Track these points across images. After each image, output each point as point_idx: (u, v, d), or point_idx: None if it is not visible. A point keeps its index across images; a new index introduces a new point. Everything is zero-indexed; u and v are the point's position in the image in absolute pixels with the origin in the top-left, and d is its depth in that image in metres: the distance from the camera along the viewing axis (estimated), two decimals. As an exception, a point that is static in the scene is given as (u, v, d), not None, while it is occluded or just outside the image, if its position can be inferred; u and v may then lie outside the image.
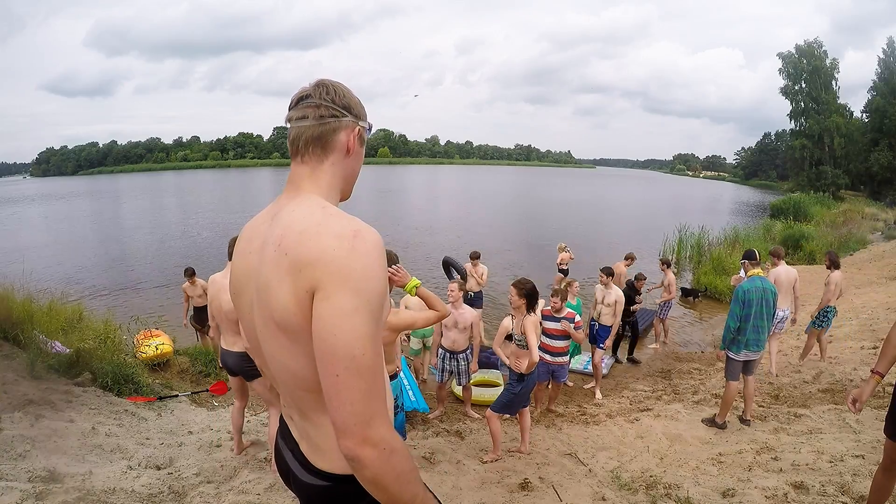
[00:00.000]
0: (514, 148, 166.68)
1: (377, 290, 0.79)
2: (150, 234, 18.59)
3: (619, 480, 3.07)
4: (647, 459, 3.49)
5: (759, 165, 75.19)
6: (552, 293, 4.45)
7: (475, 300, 7.00)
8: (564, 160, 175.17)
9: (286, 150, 0.97)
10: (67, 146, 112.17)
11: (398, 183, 51.69)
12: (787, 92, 37.37)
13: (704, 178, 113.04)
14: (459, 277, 5.38)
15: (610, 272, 5.78)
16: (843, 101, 37.01)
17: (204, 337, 6.44)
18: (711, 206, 33.82)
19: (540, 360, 3.69)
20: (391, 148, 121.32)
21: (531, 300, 3.45)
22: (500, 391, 4.06)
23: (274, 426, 3.06)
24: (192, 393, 4.95)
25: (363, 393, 0.76)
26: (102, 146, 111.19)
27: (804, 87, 36.48)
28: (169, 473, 2.94)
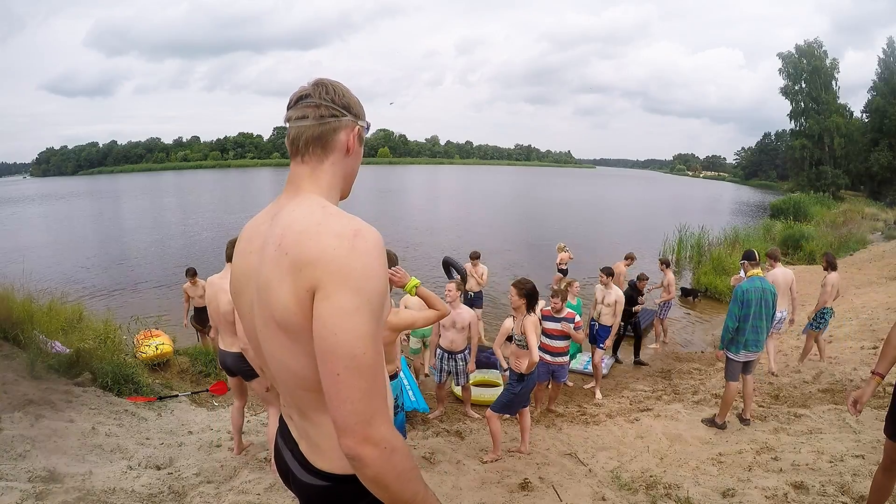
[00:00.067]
0: (514, 148, 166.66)
1: (378, 289, 0.79)
2: (150, 234, 18.59)
3: (619, 480, 3.07)
4: (647, 459, 3.49)
5: (759, 165, 75.13)
6: (552, 294, 4.46)
7: (475, 300, 7.01)
8: (564, 160, 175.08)
9: (286, 150, 0.97)
10: (67, 146, 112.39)
11: (398, 183, 51.68)
12: (787, 92, 37.39)
13: (704, 178, 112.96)
14: (459, 277, 5.38)
15: (610, 272, 5.79)
16: (843, 101, 37.05)
17: (204, 337, 6.44)
18: (711, 206, 33.81)
19: (540, 360, 3.69)
20: (391, 148, 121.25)
21: (531, 300, 3.45)
22: (499, 391, 4.06)
23: (273, 426, 3.07)
24: (192, 393, 4.95)
25: (364, 392, 0.76)
26: (102, 146, 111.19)
27: (804, 87, 36.48)
28: (169, 473, 2.94)
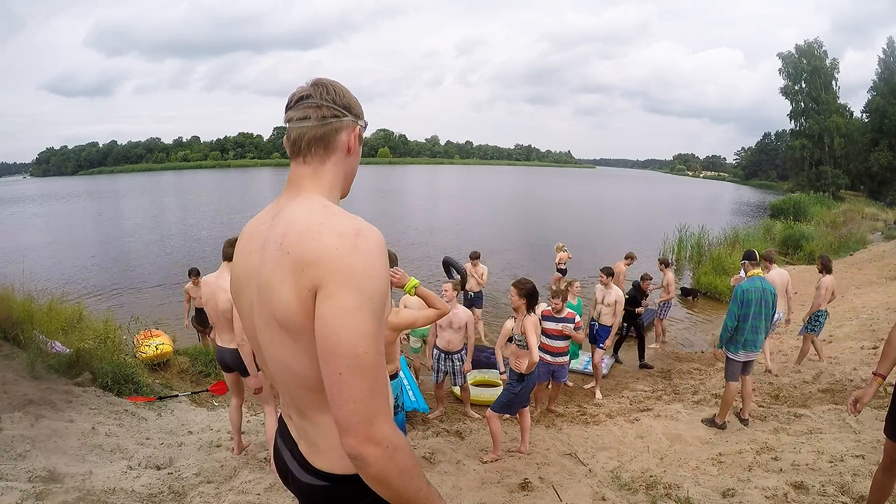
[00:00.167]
0: (514, 148, 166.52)
1: (379, 288, 0.80)
2: (150, 233, 18.59)
3: (619, 480, 3.07)
4: (647, 459, 3.49)
5: (759, 165, 75.10)
6: (553, 294, 4.45)
7: (475, 300, 7.01)
8: (564, 160, 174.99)
9: (286, 150, 0.97)
10: (67, 146, 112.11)
11: (398, 183, 51.68)
12: (787, 92, 37.39)
13: (704, 178, 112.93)
14: (459, 277, 5.37)
15: (610, 272, 5.79)
16: (843, 101, 37.07)
17: (205, 338, 6.43)
18: (711, 206, 33.79)
19: (540, 360, 3.69)
20: (391, 148, 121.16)
21: (531, 300, 3.45)
22: (499, 391, 4.06)
23: (269, 423, 3.11)
24: (192, 393, 4.95)
25: (366, 391, 0.76)
26: (102, 146, 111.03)
27: (804, 87, 36.49)
28: (169, 473, 2.94)
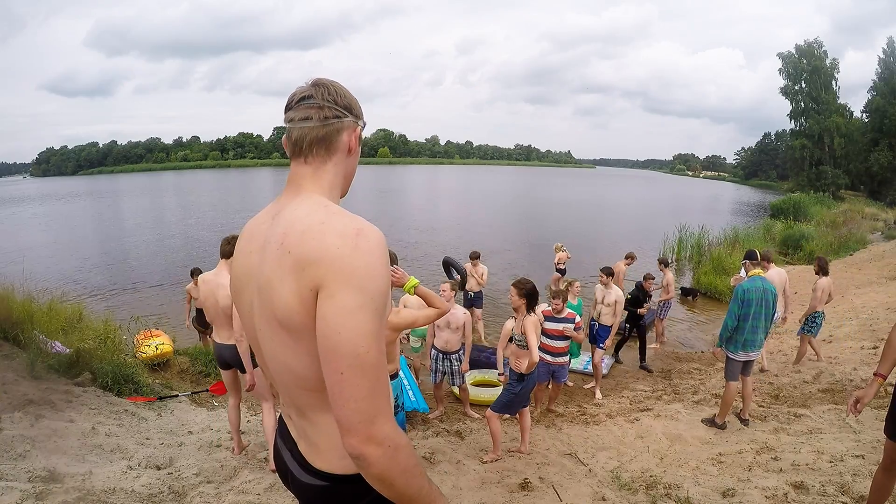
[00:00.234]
0: (514, 148, 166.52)
1: (380, 288, 0.80)
2: (150, 233, 18.59)
3: (619, 480, 3.07)
4: (647, 459, 3.49)
5: (759, 165, 75.09)
6: (553, 294, 4.45)
7: (475, 300, 7.01)
8: (564, 160, 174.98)
9: (285, 150, 0.96)
10: (67, 146, 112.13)
11: (398, 183, 51.68)
12: (787, 92, 37.41)
13: (704, 178, 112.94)
14: (459, 277, 5.37)
15: (610, 272, 5.79)
16: (843, 101, 37.12)
17: (205, 338, 6.42)
18: (711, 206, 33.80)
19: (540, 360, 3.69)
20: (391, 148, 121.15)
21: (531, 300, 3.45)
22: (499, 391, 4.06)
23: (268, 421, 3.14)
24: (192, 393, 4.94)
25: (367, 390, 0.76)
26: (102, 146, 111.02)
27: (804, 87, 36.51)
28: (169, 473, 2.94)
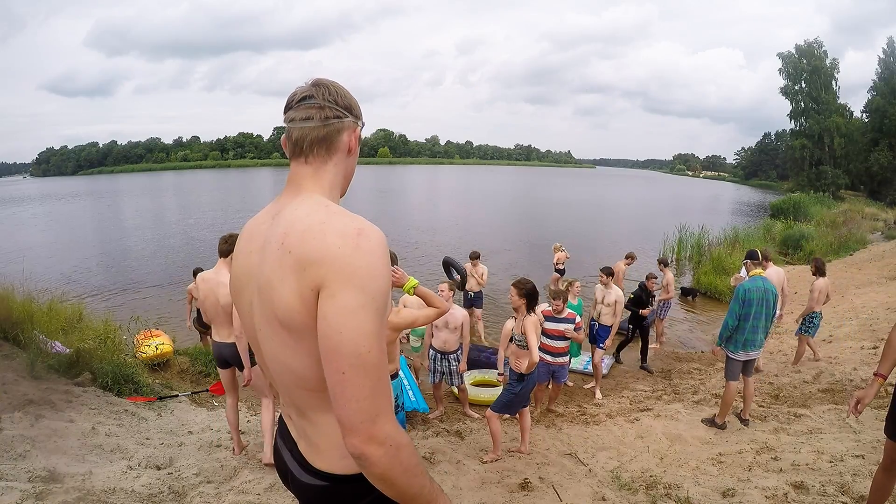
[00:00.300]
0: (514, 148, 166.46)
1: (381, 288, 0.80)
2: (150, 233, 18.59)
3: (619, 480, 3.07)
4: (647, 459, 3.50)
5: (759, 165, 75.08)
6: (554, 295, 4.44)
7: (475, 300, 7.01)
8: (564, 160, 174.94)
9: (284, 150, 0.96)
10: (67, 146, 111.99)
11: (398, 183, 51.69)
12: (787, 92, 37.43)
13: (704, 178, 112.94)
14: (459, 277, 5.36)
15: (610, 272, 5.79)
16: (843, 101, 37.18)
17: (206, 339, 6.42)
18: (711, 206, 33.77)
19: (540, 360, 3.69)
20: (391, 148, 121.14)
21: (531, 300, 3.45)
22: (499, 391, 4.06)
23: (266, 416, 3.18)
24: (192, 393, 4.94)
25: (369, 390, 0.76)
26: (102, 146, 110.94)
27: (804, 87, 36.55)
28: (169, 473, 2.94)
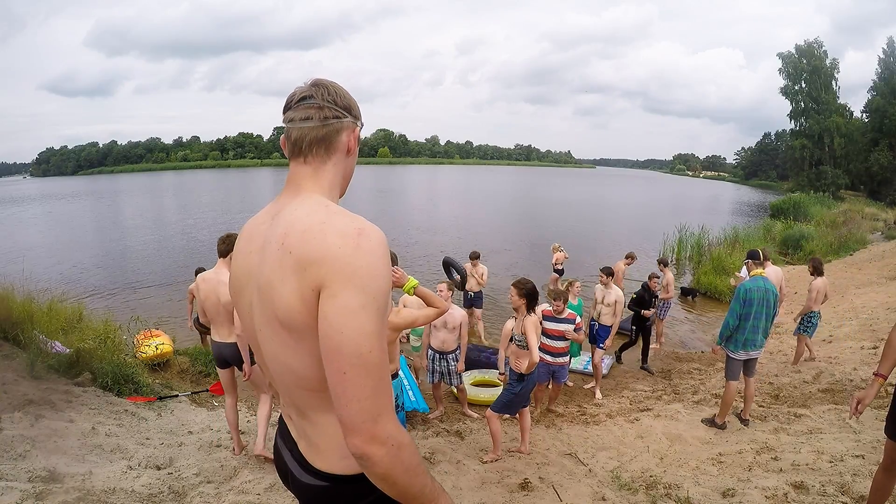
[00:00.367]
0: (514, 148, 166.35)
1: (382, 287, 0.80)
2: (150, 234, 18.59)
3: (619, 480, 3.07)
4: (647, 459, 3.50)
5: (759, 165, 75.07)
6: (555, 296, 4.44)
7: (475, 300, 7.01)
8: (564, 160, 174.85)
9: (283, 150, 0.97)
10: (67, 146, 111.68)
11: (398, 183, 51.69)
12: (787, 92, 37.47)
13: (704, 178, 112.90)
14: (459, 278, 5.37)
15: (610, 272, 5.78)
16: (843, 101, 37.24)
17: (206, 339, 6.42)
18: (711, 206, 33.77)
19: (540, 360, 3.69)
20: (391, 148, 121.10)
21: (531, 300, 3.45)
22: (499, 391, 4.06)
23: (262, 410, 3.24)
24: (192, 393, 4.94)
25: (371, 390, 0.76)
26: (102, 146, 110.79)
27: (804, 87, 36.59)
28: (169, 473, 2.94)
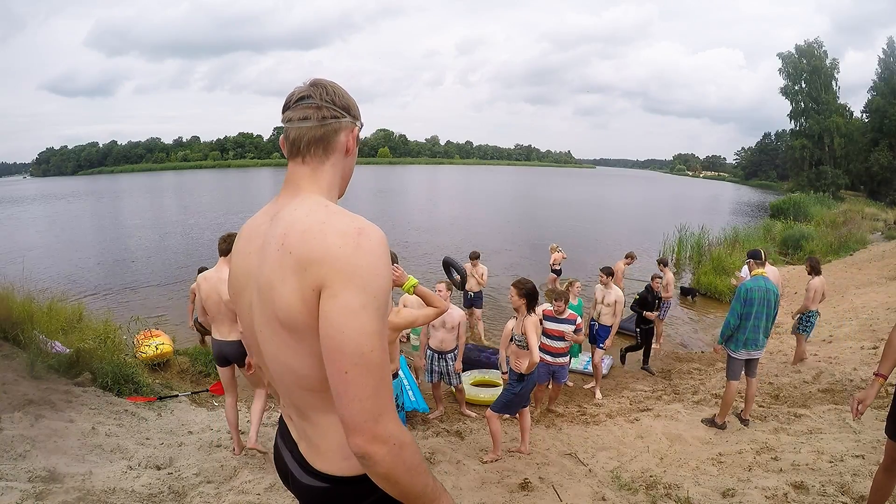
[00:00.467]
0: (514, 148, 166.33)
1: (382, 287, 0.80)
2: (150, 233, 18.57)
3: (619, 480, 3.07)
4: (647, 459, 3.50)
5: (759, 165, 75.05)
6: (556, 296, 4.43)
7: (475, 300, 7.01)
8: (564, 160, 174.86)
9: (282, 150, 0.97)
10: (67, 146, 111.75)
11: (398, 183, 51.68)
12: (787, 92, 37.50)
13: (704, 178, 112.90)
14: (459, 277, 5.37)
15: (610, 272, 5.78)
16: (843, 101, 37.28)
17: (205, 339, 6.41)
18: (711, 206, 33.76)
19: (540, 360, 3.69)
20: (391, 148, 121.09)
21: (531, 300, 3.45)
22: (499, 391, 4.06)
23: (257, 405, 3.30)
24: (192, 393, 4.94)
25: (372, 389, 0.76)
26: (102, 146, 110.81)
27: (804, 87, 36.63)
28: (169, 473, 2.94)
